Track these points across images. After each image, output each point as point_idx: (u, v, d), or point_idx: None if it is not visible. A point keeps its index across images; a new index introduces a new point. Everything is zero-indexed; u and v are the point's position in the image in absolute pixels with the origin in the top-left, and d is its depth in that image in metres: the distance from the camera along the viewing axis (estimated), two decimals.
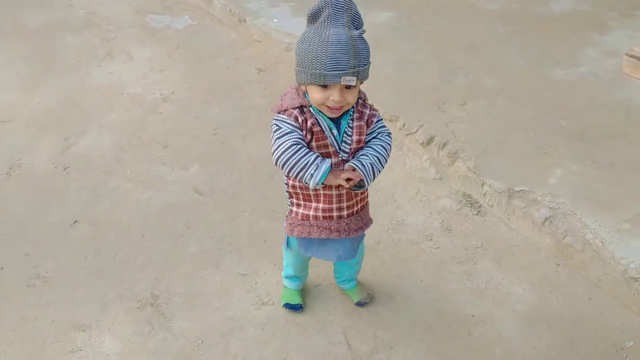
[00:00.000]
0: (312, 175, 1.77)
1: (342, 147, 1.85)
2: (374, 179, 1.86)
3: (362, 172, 1.82)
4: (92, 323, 2.26)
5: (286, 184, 1.95)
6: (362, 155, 1.86)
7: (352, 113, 1.85)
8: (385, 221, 2.65)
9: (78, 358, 2.14)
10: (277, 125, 1.81)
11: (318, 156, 1.80)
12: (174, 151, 3.12)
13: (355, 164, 1.82)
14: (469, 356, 2.11)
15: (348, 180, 1.79)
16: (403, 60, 3.53)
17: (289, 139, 1.78)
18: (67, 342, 2.19)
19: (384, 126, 1.93)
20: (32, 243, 2.61)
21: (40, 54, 4.05)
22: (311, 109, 1.81)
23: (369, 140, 1.90)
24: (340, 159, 1.85)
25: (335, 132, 1.83)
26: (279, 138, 1.79)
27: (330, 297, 2.32)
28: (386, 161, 1.90)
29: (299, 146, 1.78)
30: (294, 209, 1.98)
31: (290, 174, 1.81)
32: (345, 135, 1.85)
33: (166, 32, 4.20)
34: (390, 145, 1.92)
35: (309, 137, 1.81)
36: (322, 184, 1.80)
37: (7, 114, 3.45)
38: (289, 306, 2.26)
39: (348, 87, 1.73)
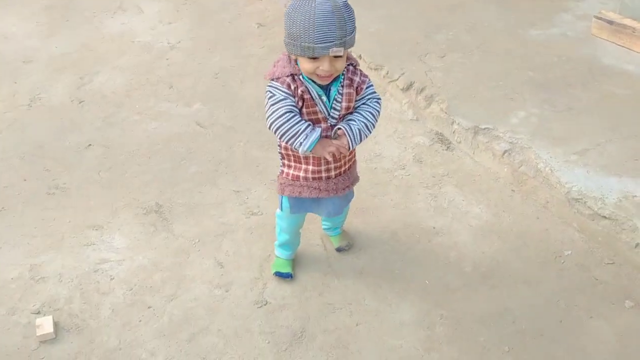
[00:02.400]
0: (301, 143, 1.89)
1: (331, 114, 1.95)
2: (359, 142, 1.98)
3: (349, 136, 1.93)
4: (104, 224, 2.61)
5: (279, 145, 2.06)
6: (350, 120, 1.96)
7: (342, 80, 1.94)
8: (364, 154, 2.97)
9: (92, 250, 2.49)
10: (271, 92, 1.90)
11: (309, 125, 1.90)
12: (178, 91, 3.45)
13: (344, 127, 1.94)
14: (427, 257, 2.45)
15: (333, 155, 1.94)
16: (390, 17, 3.84)
17: (282, 106, 1.87)
18: (82, 237, 2.54)
19: (374, 92, 2.02)
20: (51, 161, 2.95)
21: (57, 6, 4.37)
22: (302, 77, 1.89)
23: (358, 106, 2.00)
24: (329, 124, 1.96)
25: (324, 98, 1.93)
26: (273, 105, 1.89)
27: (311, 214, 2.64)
28: (374, 126, 2.01)
29: (292, 114, 1.88)
30: (285, 169, 2.10)
31: (282, 140, 1.93)
32: (334, 101, 1.94)
33: None
34: (378, 112, 2.02)
35: (300, 103, 1.91)
36: (311, 152, 1.93)
37: (27, 55, 3.78)
38: (279, 274, 2.33)
39: (337, 56, 1.81)
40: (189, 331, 2.16)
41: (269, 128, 1.93)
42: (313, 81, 1.91)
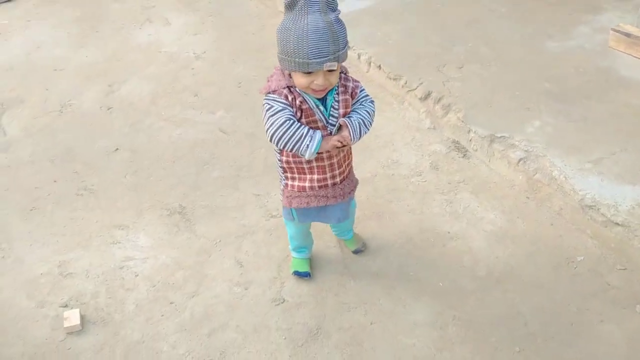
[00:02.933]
0: (307, 146, 1.90)
1: (329, 121, 1.98)
2: (359, 137, 2.01)
3: (350, 126, 1.97)
4: (130, 224, 2.71)
5: (279, 160, 2.08)
6: (349, 116, 2.01)
7: (336, 88, 1.97)
8: (382, 160, 3.04)
9: (117, 248, 2.59)
10: (269, 104, 1.92)
11: (310, 129, 1.92)
12: (202, 99, 3.57)
13: (345, 119, 1.98)
14: (441, 261, 2.50)
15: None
16: (410, 30, 3.92)
17: (281, 116, 1.89)
18: (109, 236, 2.65)
19: (367, 95, 2.08)
20: (80, 164, 3.08)
21: (87, 17, 4.54)
22: (297, 89, 1.92)
23: (353, 109, 2.04)
24: (328, 131, 1.99)
25: (322, 108, 1.96)
26: (272, 116, 1.90)
27: None
28: (371, 124, 2.05)
29: (292, 121, 1.89)
30: (289, 182, 2.13)
31: (286, 148, 1.93)
32: (332, 109, 1.98)
33: (200, 2, 4.66)
34: (374, 111, 2.07)
35: (299, 114, 1.93)
36: (317, 153, 1.94)
37: (59, 64, 3.94)
38: (298, 273, 2.40)
39: (330, 70, 1.85)
40: (209, 326, 2.25)
41: (271, 140, 1.93)
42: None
